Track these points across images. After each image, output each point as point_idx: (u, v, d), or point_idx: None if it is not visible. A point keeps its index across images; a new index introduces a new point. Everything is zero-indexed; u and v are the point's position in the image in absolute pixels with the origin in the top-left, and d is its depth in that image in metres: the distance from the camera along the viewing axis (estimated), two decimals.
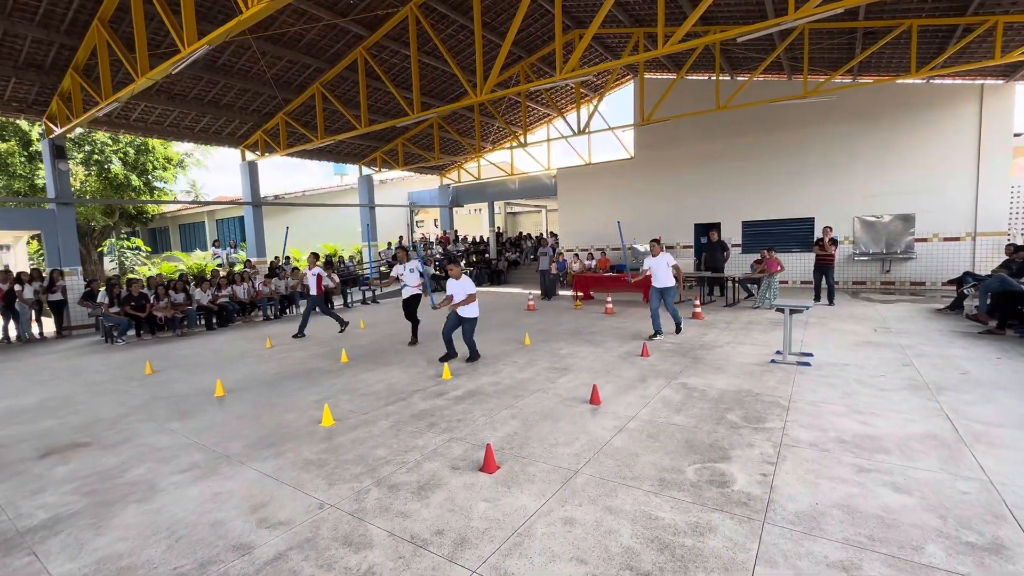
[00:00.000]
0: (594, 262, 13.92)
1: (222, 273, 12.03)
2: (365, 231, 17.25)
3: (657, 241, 7.33)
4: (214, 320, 10.40)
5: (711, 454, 3.44)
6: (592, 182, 16.38)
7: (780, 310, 5.82)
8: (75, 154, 16.03)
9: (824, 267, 9.77)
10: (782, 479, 3.07)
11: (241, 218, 18.94)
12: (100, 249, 18.53)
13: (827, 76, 10.80)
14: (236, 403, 5.14)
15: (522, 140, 15.33)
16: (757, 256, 10.68)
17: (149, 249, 18.59)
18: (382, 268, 16.62)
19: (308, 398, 5.16)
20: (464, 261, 18.35)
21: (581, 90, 14.85)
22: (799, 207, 12.83)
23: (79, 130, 14.90)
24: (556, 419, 4.24)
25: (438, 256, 17.29)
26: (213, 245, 15.81)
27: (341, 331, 9.05)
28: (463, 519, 2.79)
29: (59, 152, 10.46)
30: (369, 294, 14.02)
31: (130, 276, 13.40)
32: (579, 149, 16.38)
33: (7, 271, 10.00)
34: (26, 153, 15.08)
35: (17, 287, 9.61)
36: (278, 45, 10.27)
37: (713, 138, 13.80)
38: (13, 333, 9.78)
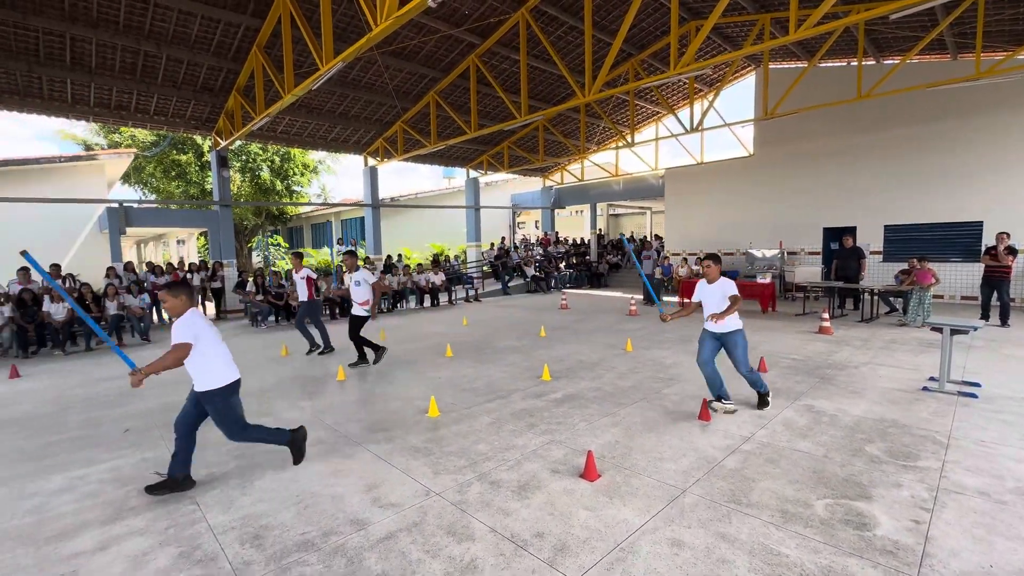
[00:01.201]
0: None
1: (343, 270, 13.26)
2: (470, 231, 17.94)
3: (715, 258, 4.46)
4: (337, 311, 11.49)
5: (846, 490, 3.03)
6: (704, 182, 15.40)
7: (936, 329, 4.95)
8: (235, 163, 18.71)
9: (996, 281, 8.17)
10: (941, 529, 2.60)
11: (362, 218, 20.75)
12: (249, 245, 21.46)
13: (1008, 53, 9.03)
14: (354, 388, 5.60)
15: (629, 140, 14.88)
16: (904, 266, 9.27)
17: (288, 245, 21.17)
18: (484, 268, 17.17)
19: (414, 389, 5.47)
20: (564, 263, 18.32)
21: (695, 85, 14.04)
22: (961, 210, 10.88)
23: (238, 142, 17.36)
24: (661, 432, 4.02)
25: (538, 257, 17.43)
26: (338, 243, 17.49)
27: (309, 352, 7.41)
28: (563, 525, 2.74)
29: (223, 162, 12.28)
30: (472, 292, 14.54)
31: (273, 269, 15.32)
32: (691, 148, 15.51)
33: (181, 263, 11.95)
34: (199, 163, 17.96)
35: (189, 275, 11.44)
36: (399, 58, 11.06)
37: (850, 132, 12.23)
38: None
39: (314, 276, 7.98)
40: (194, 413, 3.26)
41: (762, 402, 4.49)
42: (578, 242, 20.17)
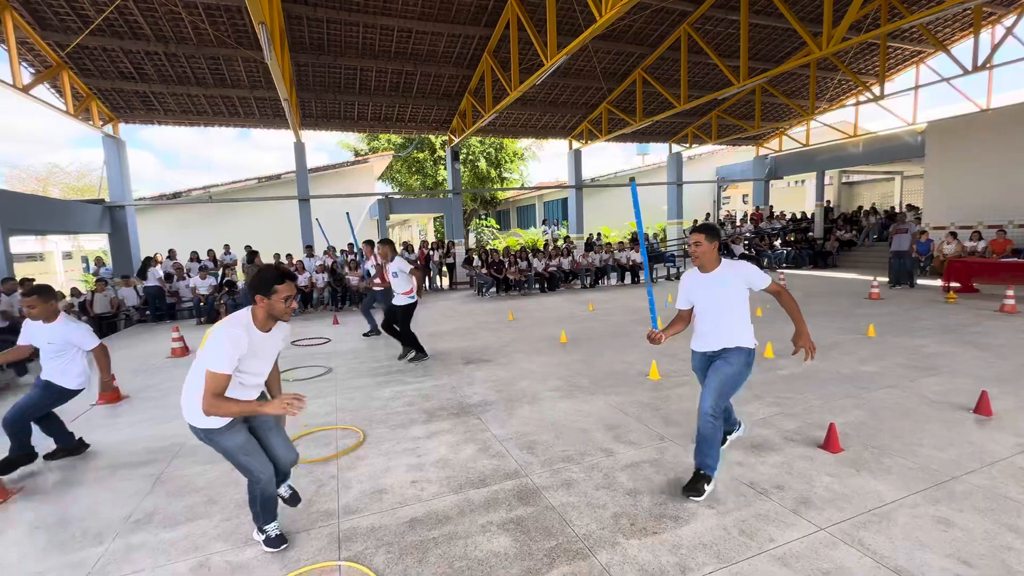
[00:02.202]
0: (982, 244, 10.39)
1: (550, 247, 14.42)
2: (672, 208, 17.46)
3: (708, 231, 2.80)
4: (545, 285, 12.66)
5: None
6: (986, 135, 11.99)
7: None
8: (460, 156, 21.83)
9: None
10: None
11: (562, 200, 21.96)
12: (468, 228, 24.80)
13: None
14: (575, 350, 6.32)
15: (876, 92, 12.47)
16: None
17: (498, 227, 23.80)
18: (686, 246, 16.57)
19: (630, 355, 5.90)
20: (778, 240, 16.45)
21: (985, 8, 10.96)
22: None
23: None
24: (919, 419, 3.66)
25: (747, 235, 16.02)
26: (543, 223, 18.95)
27: (367, 335, 7.81)
28: (804, 483, 2.86)
29: (455, 156, 14.48)
30: (673, 270, 14.28)
31: (489, 247, 17.54)
32: (970, 92, 12.20)
33: (424, 242, 14.62)
34: (432, 158, 21.39)
35: (431, 252, 13.96)
36: (607, 40, 11.36)
37: None
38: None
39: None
40: None
41: (698, 482, 2.73)
42: (798, 217, 17.80)
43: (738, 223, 17.76)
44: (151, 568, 2.38)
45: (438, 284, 14.61)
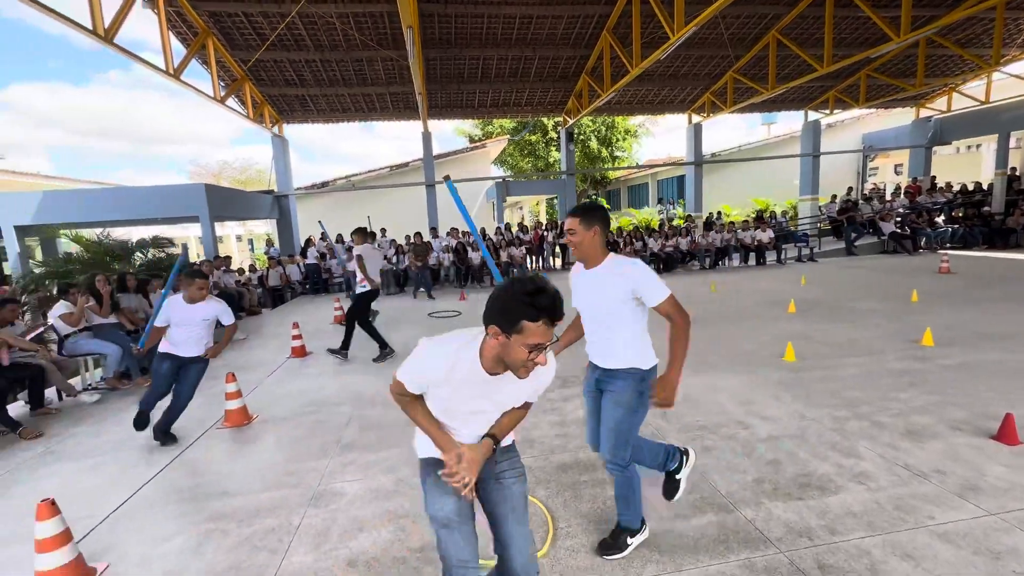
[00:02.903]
0: None
1: (666, 227, 14.02)
2: (805, 183, 15.90)
3: (585, 213, 2.08)
4: (661, 266, 12.42)
5: None
6: None
7: None
8: None
9: None
10: None
11: (678, 177, 21.01)
12: None
13: None
14: (700, 329, 6.20)
15: None
16: None
17: (609, 207, 23.53)
18: (821, 224, 15.06)
19: (762, 336, 5.73)
20: (942, 216, 14.22)
21: None
22: None
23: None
24: None
25: (900, 211, 14.05)
26: (659, 203, 18.37)
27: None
28: (971, 471, 2.72)
29: (569, 137, 14.61)
30: (806, 251, 13.12)
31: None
32: None
33: (539, 223, 15.04)
34: (544, 140, 21.70)
35: (545, 233, 14.36)
36: (738, 4, 10.57)
37: None
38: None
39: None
40: None
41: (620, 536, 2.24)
42: (969, 188, 15.16)
43: (888, 197, 15.63)
44: (363, 478, 3.05)
45: (551, 264, 15.01)
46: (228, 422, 4.05)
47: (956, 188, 15.06)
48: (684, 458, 2.34)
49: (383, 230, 14.03)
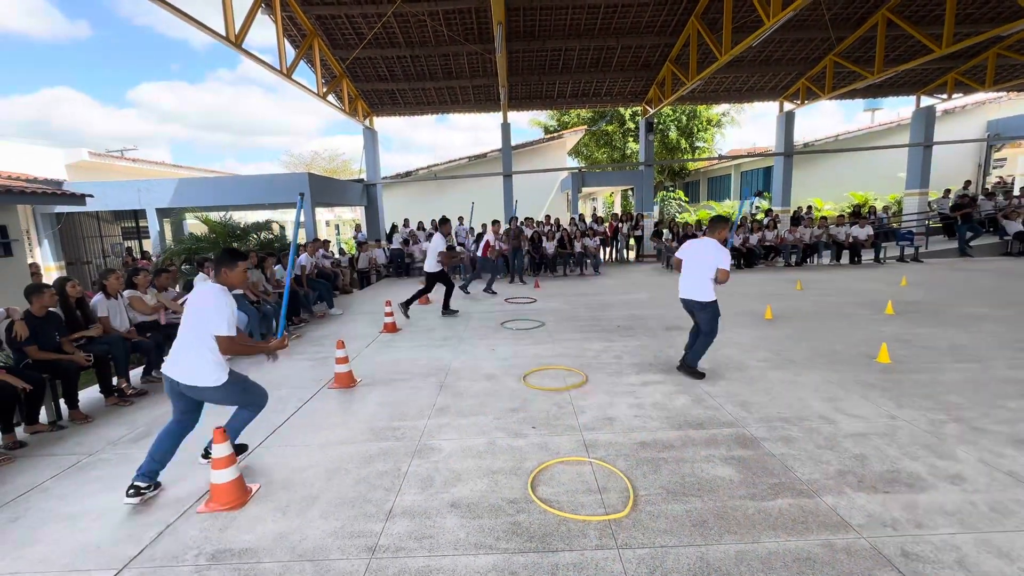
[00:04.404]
0: None
1: (748, 221, 13.41)
2: (913, 176, 14.50)
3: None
4: (742, 261, 11.95)
5: None
6: None
7: None
8: None
9: None
10: None
11: (764, 169, 19.86)
12: (654, 200, 24.24)
13: None
14: (784, 326, 6.11)
15: None
16: None
17: (687, 199, 22.74)
18: (931, 222, 13.70)
19: (855, 336, 5.49)
20: None
21: None
22: None
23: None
24: None
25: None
26: (754, 195, 17.51)
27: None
28: None
29: (649, 127, 14.34)
30: (910, 251, 12.04)
31: (680, 220, 17.05)
32: None
33: (615, 214, 14.93)
34: (621, 130, 21.34)
35: (620, 225, 14.27)
36: None
37: None
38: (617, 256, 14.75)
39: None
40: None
41: None
42: None
43: (1017, 193, 13.86)
44: (458, 439, 3.41)
45: (625, 256, 14.90)
46: (337, 383, 4.60)
47: None
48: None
49: (460, 218, 14.63)
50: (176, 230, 12.85)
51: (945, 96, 14.19)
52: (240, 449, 3.27)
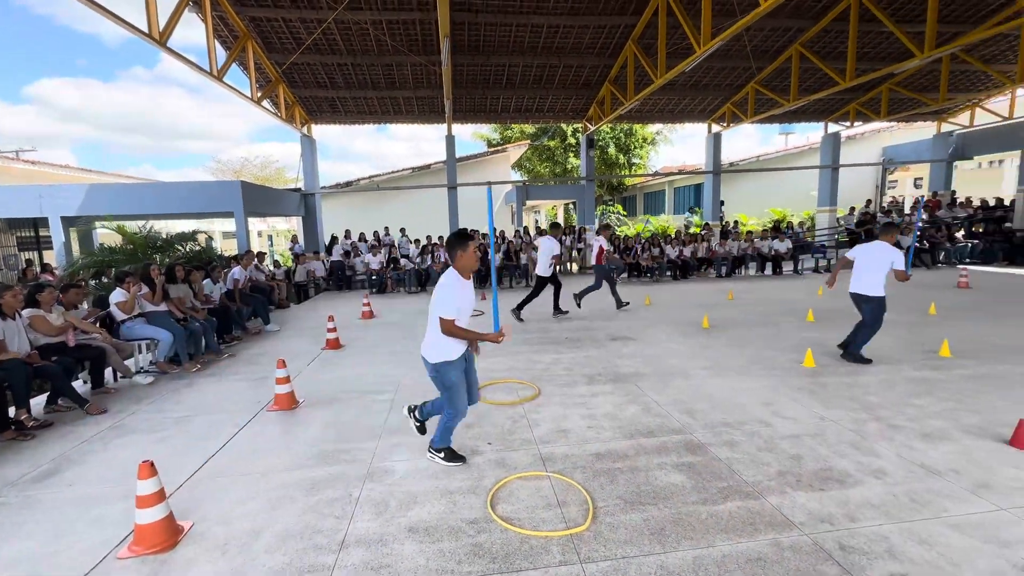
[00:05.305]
0: None
1: (682, 234, 14.18)
2: (823, 194, 15.97)
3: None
4: (678, 272, 12.58)
5: None
6: None
7: None
8: None
9: None
10: None
11: (694, 186, 21.13)
12: (595, 213, 25.10)
13: None
14: (720, 335, 6.47)
15: None
16: None
17: (625, 213, 23.70)
18: (839, 236, 15.10)
19: (782, 343, 5.91)
20: (962, 231, 14.20)
21: None
22: None
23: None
24: None
25: (919, 226, 14.04)
26: (690, 211, 18.49)
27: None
28: (983, 472, 2.90)
29: (591, 143, 14.83)
30: (823, 262, 13.19)
31: (621, 233, 17.69)
32: None
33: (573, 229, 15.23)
34: (562, 146, 21.94)
35: (563, 238, 14.57)
36: (762, 18, 10.74)
37: None
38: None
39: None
40: None
41: None
42: (990, 204, 15.11)
43: (908, 211, 15.63)
44: (412, 459, 3.30)
45: (569, 268, 15.22)
46: (277, 405, 4.32)
47: (977, 203, 15.01)
48: None
49: (402, 230, 14.37)
50: (84, 241, 11.66)
51: (848, 124, 15.81)
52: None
